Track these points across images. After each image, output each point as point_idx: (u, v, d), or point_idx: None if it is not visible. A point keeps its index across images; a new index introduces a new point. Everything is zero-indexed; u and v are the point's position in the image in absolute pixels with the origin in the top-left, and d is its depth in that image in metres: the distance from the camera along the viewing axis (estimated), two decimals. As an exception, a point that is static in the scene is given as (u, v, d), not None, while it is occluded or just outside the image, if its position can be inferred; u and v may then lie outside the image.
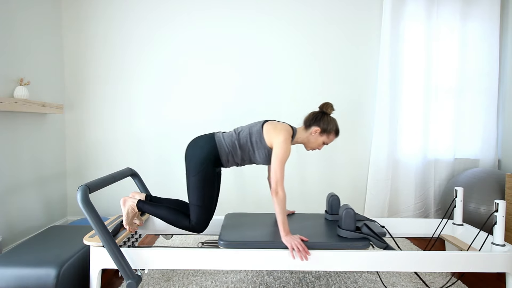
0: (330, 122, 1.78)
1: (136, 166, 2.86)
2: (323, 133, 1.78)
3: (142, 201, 1.75)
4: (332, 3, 2.87)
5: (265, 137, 1.71)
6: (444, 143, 2.94)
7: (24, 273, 1.52)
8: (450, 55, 2.90)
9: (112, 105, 2.86)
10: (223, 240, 1.62)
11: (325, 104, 1.81)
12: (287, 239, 1.56)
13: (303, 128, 1.82)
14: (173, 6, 2.83)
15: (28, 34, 2.41)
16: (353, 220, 1.64)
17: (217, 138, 1.75)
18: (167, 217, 1.73)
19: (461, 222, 2.03)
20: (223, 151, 1.72)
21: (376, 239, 1.60)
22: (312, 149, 1.86)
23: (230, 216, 2.02)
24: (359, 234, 1.63)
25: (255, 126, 1.76)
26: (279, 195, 1.58)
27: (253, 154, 1.75)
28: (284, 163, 1.63)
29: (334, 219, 1.97)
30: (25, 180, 2.38)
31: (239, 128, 1.81)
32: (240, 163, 1.79)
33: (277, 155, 1.63)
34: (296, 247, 1.53)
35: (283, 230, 1.58)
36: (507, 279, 1.60)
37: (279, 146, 1.64)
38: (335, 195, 2.00)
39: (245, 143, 1.73)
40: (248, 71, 2.88)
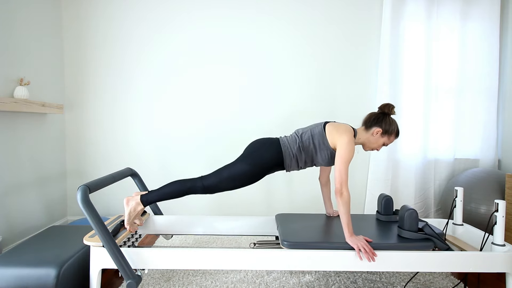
0: (392, 123, 1.78)
1: (136, 166, 2.86)
2: (384, 134, 1.77)
3: (144, 194, 1.74)
4: (332, 3, 2.87)
5: (328, 138, 1.71)
6: (444, 143, 2.94)
7: (24, 273, 1.52)
8: (450, 55, 2.90)
9: (112, 105, 2.86)
10: (287, 241, 1.60)
11: (386, 105, 1.79)
12: (353, 240, 1.55)
13: (363, 129, 1.82)
14: (173, 6, 2.83)
15: (28, 34, 2.41)
16: (416, 221, 1.64)
17: (282, 142, 1.76)
18: (174, 190, 1.71)
19: (461, 222, 2.02)
20: (287, 155, 1.73)
21: (438, 240, 1.60)
22: (372, 149, 1.85)
23: (282, 217, 2.01)
24: (422, 235, 1.62)
25: (317, 127, 1.76)
26: (344, 196, 1.58)
27: (315, 156, 1.76)
28: (348, 163, 1.63)
29: (388, 220, 1.96)
30: (25, 180, 2.38)
31: (300, 130, 1.81)
32: (303, 166, 1.80)
33: (341, 156, 1.63)
34: (363, 248, 1.52)
35: (348, 231, 1.57)
36: (507, 279, 1.60)
37: (344, 147, 1.64)
38: (388, 196, 1.99)
39: (308, 145, 1.74)
40: (247, 71, 2.88)
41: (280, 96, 2.89)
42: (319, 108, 2.90)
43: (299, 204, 2.94)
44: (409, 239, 1.63)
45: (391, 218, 1.96)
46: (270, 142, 1.77)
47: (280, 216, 2.02)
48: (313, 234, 1.71)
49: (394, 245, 1.59)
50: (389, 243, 1.60)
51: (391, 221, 1.95)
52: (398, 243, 1.60)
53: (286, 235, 1.66)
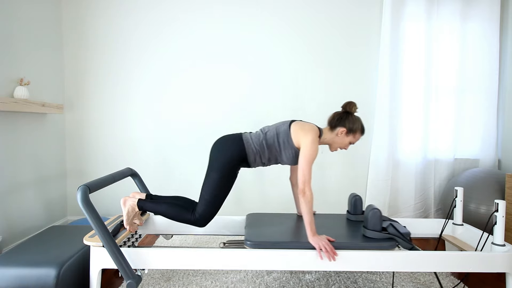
0: (356, 122, 1.77)
1: (136, 166, 2.86)
2: (349, 133, 1.77)
3: (143, 200, 1.75)
4: (332, 4, 2.87)
5: (293, 137, 1.71)
6: (444, 143, 2.94)
7: (24, 273, 1.52)
8: (450, 55, 2.90)
9: (112, 105, 2.86)
10: (250, 240, 1.61)
11: (348, 104, 1.79)
12: (315, 240, 1.55)
13: (328, 129, 1.81)
14: (173, 7, 2.83)
15: (28, 34, 2.41)
16: (379, 221, 1.64)
17: (245, 138, 1.75)
18: (168, 212, 1.72)
19: (461, 222, 2.03)
20: (250, 151, 1.72)
21: (402, 239, 1.60)
22: (337, 149, 1.85)
23: (252, 217, 2.01)
24: (386, 234, 1.62)
25: (282, 126, 1.76)
26: (306, 195, 1.58)
27: (280, 154, 1.75)
28: (312, 163, 1.63)
29: (357, 219, 1.96)
30: (25, 180, 2.38)
31: (266, 128, 1.81)
32: (266, 163, 1.79)
33: (305, 156, 1.63)
34: (324, 247, 1.52)
35: (310, 230, 1.57)
36: (507, 279, 1.60)
37: (307, 147, 1.64)
38: (357, 195, 2.00)
39: (272, 143, 1.73)
40: (247, 72, 2.88)
41: (280, 95, 2.89)
42: (319, 108, 2.90)
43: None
44: (373, 239, 1.63)
45: (360, 218, 1.96)
46: (231, 139, 1.76)
47: (251, 216, 2.02)
48: (278, 234, 1.71)
49: (356, 245, 1.59)
50: (351, 242, 1.61)
51: (359, 220, 1.95)
52: (361, 243, 1.60)
53: (250, 235, 1.67)
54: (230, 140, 1.75)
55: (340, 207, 2.92)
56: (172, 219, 1.74)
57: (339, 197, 2.95)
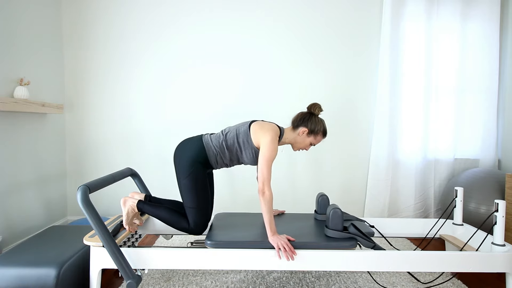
0: (318, 123, 1.79)
1: (136, 166, 2.86)
2: (310, 134, 1.79)
3: (142, 202, 1.75)
4: (332, 4, 2.87)
5: (252, 137, 1.71)
6: (444, 143, 2.94)
7: (24, 273, 1.52)
8: (450, 55, 2.91)
9: (112, 105, 2.86)
10: (211, 240, 1.62)
11: (313, 105, 1.81)
12: (274, 239, 1.56)
13: (291, 128, 1.83)
14: (173, 7, 2.83)
15: (28, 34, 2.41)
16: (340, 220, 1.64)
17: (205, 140, 1.75)
18: (167, 219, 1.73)
19: (461, 222, 2.03)
20: (211, 152, 1.73)
21: (363, 238, 1.61)
22: (299, 149, 1.86)
23: (220, 216, 2.02)
24: (346, 234, 1.63)
25: (242, 126, 1.76)
26: (265, 195, 1.58)
27: (241, 155, 1.76)
28: (271, 162, 1.63)
29: (323, 219, 1.97)
30: (25, 180, 2.38)
31: (227, 129, 1.81)
32: (229, 164, 1.80)
33: (263, 155, 1.63)
34: (283, 247, 1.53)
35: (270, 229, 1.58)
36: (507, 279, 1.60)
37: (266, 146, 1.64)
38: (324, 194, 2.00)
39: (232, 144, 1.74)
40: (247, 72, 2.88)
41: (280, 95, 2.89)
42: (319, 108, 2.90)
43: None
44: (334, 238, 1.63)
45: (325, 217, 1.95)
46: (192, 142, 1.76)
47: (219, 216, 2.03)
48: (241, 233, 1.71)
49: (316, 244, 1.60)
50: (311, 242, 1.61)
51: (324, 220, 1.96)
52: (321, 242, 1.61)
53: (212, 235, 1.67)
54: (190, 143, 1.76)
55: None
56: (169, 225, 1.74)
57: (339, 197, 2.95)
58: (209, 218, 1.75)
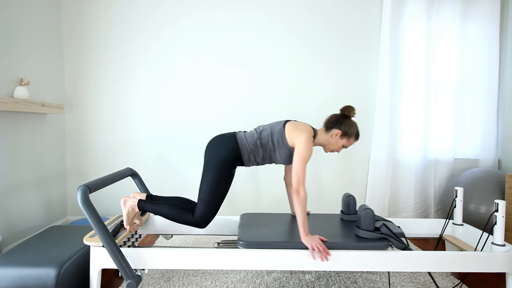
0: (352, 126, 1.78)
1: (136, 166, 2.86)
2: (343, 136, 1.78)
3: (143, 201, 1.75)
4: (333, 4, 2.87)
5: (287, 136, 1.71)
6: (444, 143, 2.94)
7: (24, 273, 1.52)
8: (450, 55, 2.90)
9: (112, 105, 2.86)
10: (243, 240, 1.61)
11: (347, 107, 1.80)
12: (307, 240, 1.55)
13: (324, 130, 1.82)
14: (173, 8, 2.83)
15: (28, 34, 2.41)
16: (372, 221, 1.64)
17: (239, 137, 1.75)
18: (168, 214, 1.72)
19: (461, 222, 2.03)
20: (245, 150, 1.72)
21: (395, 239, 1.60)
22: (331, 151, 1.86)
23: (246, 216, 2.02)
24: (378, 234, 1.62)
25: (277, 125, 1.76)
26: (300, 195, 1.58)
27: (274, 154, 1.76)
28: (306, 163, 1.63)
29: (351, 219, 1.96)
30: (25, 180, 2.38)
31: (260, 127, 1.81)
32: (260, 162, 1.79)
33: (299, 155, 1.63)
34: (317, 247, 1.52)
35: (303, 230, 1.57)
36: (507, 279, 1.60)
37: (302, 146, 1.64)
38: (351, 195, 2.00)
39: (267, 143, 1.73)
40: (248, 72, 2.88)
41: (280, 96, 2.89)
42: (319, 107, 2.90)
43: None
44: (366, 239, 1.63)
45: (353, 218, 1.96)
46: (226, 138, 1.76)
47: (245, 216, 2.02)
48: (272, 233, 1.71)
49: (349, 245, 1.59)
50: (344, 242, 1.61)
51: (353, 220, 1.95)
52: (354, 243, 1.60)
53: (243, 235, 1.67)
54: (225, 140, 1.75)
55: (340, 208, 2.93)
56: (172, 220, 1.74)
57: (339, 197, 2.95)
58: (215, 215, 1.74)
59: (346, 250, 1.56)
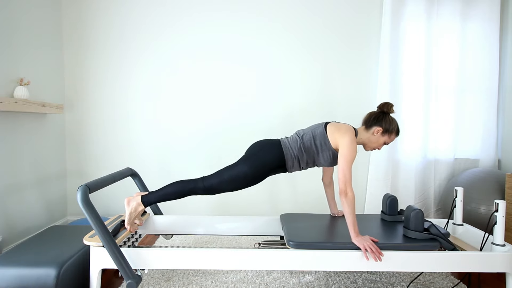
0: (392, 122, 1.77)
1: (136, 166, 2.86)
2: (385, 133, 1.77)
3: (145, 195, 1.74)
4: (333, 4, 2.87)
5: (330, 138, 1.71)
6: (444, 143, 2.94)
7: (24, 273, 1.52)
8: (450, 55, 2.90)
9: (112, 105, 2.86)
10: (293, 241, 1.60)
11: (386, 104, 1.79)
12: (359, 240, 1.55)
13: (364, 128, 1.81)
14: (174, 9, 2.83)
15: (28, 34, 2.41)
16: (421, 221, 1.64)
17: (283, 144, 1.75)
18: (175, 191, 1.71)
19: (461, 222, 2.02)
20: (289, 156, 1.73)
21: (444, 240, 1.60)
22: (372, 149, 1.85)
23: (286, 217, 2.01)
24: (428, 235, 1.62)
25: (318, 128, 1.76)
26: (348, 196, 1.57)
27: (317, 157, 1.76)
28: (352, 163, 1.63)
29: (393, 220, 1.96)
30: (25, 180, 2.38)
31: (301, 131, 1.81)
32: (304, 167, 1.80)
33: (344, 156, 1.62)
34: (369, 248, 1.52)
35: (353, 231, 1.57)
36: (507, 279, 1.60)
37: (347, 147, 1.63)
38: (393, 195, 1.99)
39: (310, 147, 1.74)
40: (248, 72, 2.88)
41: (280, 96, 2.89)
42: (319, 108, 2.90)
43: (302, 205, 2.94)
44: (415, 239, 1.63)
45: (396, 218, 1.96)
46: (271, 143, 1.77)
47: (285, 216, 2.02)
48: (318, 234, 1.71)
49: (400, 245, 1.59)
50: (395, 243, 1.60)
51: (396, 221, 1.95)
52: (404, 243, 1.60)
53: (292, 235, 1.66)
54: (270, 145, 1.76)
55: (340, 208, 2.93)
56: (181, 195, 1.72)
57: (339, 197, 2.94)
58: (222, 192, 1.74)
59: (396, 250, 1.56)
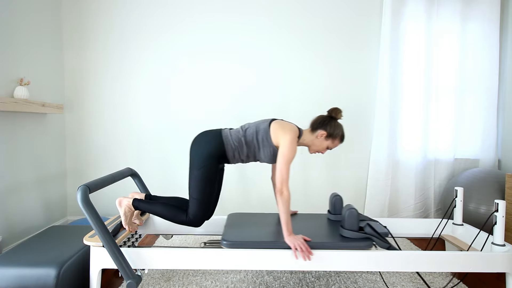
0: (337, 127, 1.78)
1: (136, 166, 2.86)
2: (328, 137, 1.78)
3: (137, 200, 1.75)
4: (332, 4, 2.87)
5: (272, 135, 1.71)
6: (444, 143, 2.94)
7: (24, 273, 1.52)
8: (450, 55, 2.91)
9: (112, 105, 2.86)
10: (226, 240, 1.61)
11: (334, 109, 1.80)
12: (290, 239, 1.56)
13: (309, 130, 1.82)
14: (174, 9, 2.83)
15: (28, 34, 2.41)
16: (356, 220, 1.64)
17: (224, 134, 1.75)
18: (163, 213, 1.73)
19: (461, 222, 2.03)
20: (229, 147, 1.72)
21: (379, 239, 1.60)
22: (316, 152, 1.86)
23: (233, 216, 2.02)
24: (362, 234, 1.63)
25: (263, 124, 1.76)
26: (284, 195, 1.58)
27: (258, 152, 1.76)
28: (290, 163, 1.63)
29: (337, 219, 1.96)
30: (25, 180, 2.38)
31: (246, 125, 1.81)
32: (245, 159, 1.80)
33: (283, 155, 1.63)
34: (299, 247, 1.53)
35: (286, 230, 1.58)
36: (507, 279, 1.60)
37: (286, 146, 1.64)
38: (338, 195, 2.00)
39: (251, 141, 1.73)
40: (249, 73, 2.87)
41: (281, 96, 2.89)
42: (319, 107, 2.90)
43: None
44: (350, 238, 1.63)
45: (339, 218, 1.96)
46: (211, 134, 1.76)
47: (232, 216, 2.03)
48: (255, 233, 1.71)
49: (332, 244, 1.59)
50: (327, 242, 1.61)
51: (339, 220, 1.96)
52: (337, 242, 1.60)
53: (227, 235, 1.67)
54: (209, 136, 1.75)
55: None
56: (167, 219, 1.74)
57: (339, 197, 2.95)
58: (209, 213, 1.74)
59: (330, 250, 1.57)
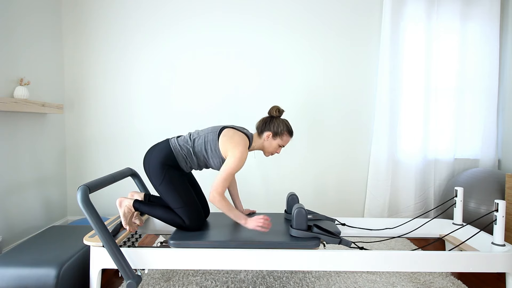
0: (280, 124, 1.80)
1: (136, 166, 2.85)
2: (275, 136, 1.80)
3: (139, 201, 1.75)
4: (333, 4, 2.87)
5: (221, 148, 1.71)
6: (444, 143, 2.94)
7: (24, 273, 1.52)
8: (450, 55, 2.91)
9: (112, 105, 2.86)
10: (173, 240, 1.61)
11: (272, 108, 1.83)
12: (250, 223, 1.62)
13: (257, 135, 1.84)
14: (174, 9, 2.83)
15: (28, 34, 2.41)
16: (304, 219, 1.64)
17: (172, 144, 1.76)
18: (163, 217, 1.73)
19: (461, 222, 2.03)
20: (180, 156, 1.73)
21: (327, 236, 1.61)
22: (271, 153, 1.87)
23: None
24: (310, 233, 1.63)
25: (211, 134, 1.75)
26: (217, 201, 1.60)
27: (208, 161, 1.78)
28: (232, 176, 1.66)
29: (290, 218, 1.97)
30: (25, 180, 2.38)
31: (195, 134, 1.81)
32: (197, 167, 1.82)
33: (227, 167, 1.64)
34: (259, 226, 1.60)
35: (240, 219, 1.63)
36: (507, 279, 1.60)
37: (233, 161, 1.64)
38: (294, 194, 2.00)
39: (200, 151, 1.75)
40: (249, 73, 2.87)
41: (281, 96, 2.89)
42: (319, 107, 2.90)
43: None
44: (298, 238, 1.63)
45: None
46: (158, 147, 1.76)
47: None
48: (209, 233, 1.71)
49: (280, 244, 1.60)
50: (275, 241, 1.61)
51: None
52: (285, 242, 1.61)
53: (176, 235, 1.67)
54: (157, 149, 1.76)
55: (339, 208, 2.93)
56: (167, 223, 1.75)
57: (339, 197, 2.95)
58: (201, 211, 1.75)
59: (278, 249, 1.57)
